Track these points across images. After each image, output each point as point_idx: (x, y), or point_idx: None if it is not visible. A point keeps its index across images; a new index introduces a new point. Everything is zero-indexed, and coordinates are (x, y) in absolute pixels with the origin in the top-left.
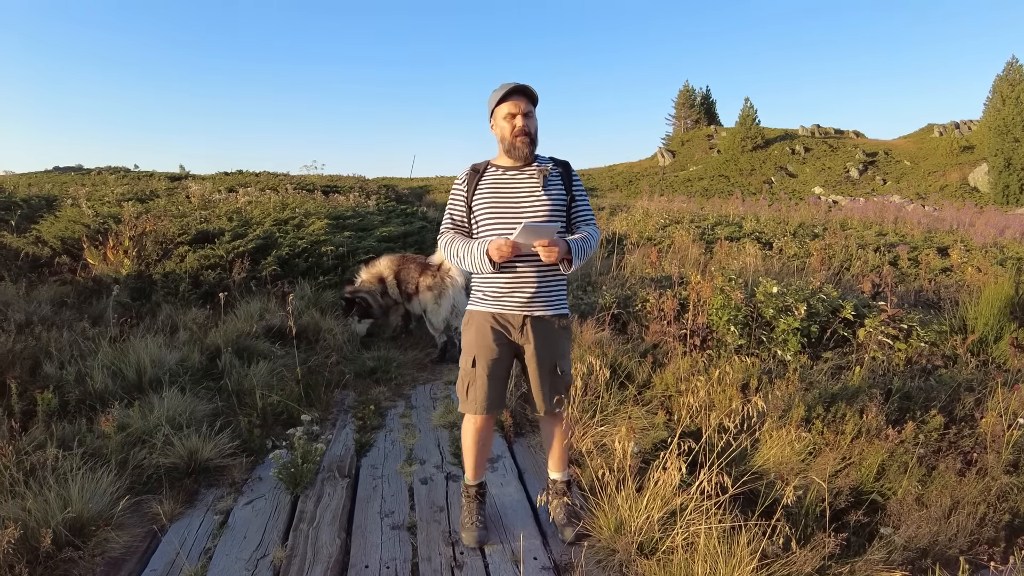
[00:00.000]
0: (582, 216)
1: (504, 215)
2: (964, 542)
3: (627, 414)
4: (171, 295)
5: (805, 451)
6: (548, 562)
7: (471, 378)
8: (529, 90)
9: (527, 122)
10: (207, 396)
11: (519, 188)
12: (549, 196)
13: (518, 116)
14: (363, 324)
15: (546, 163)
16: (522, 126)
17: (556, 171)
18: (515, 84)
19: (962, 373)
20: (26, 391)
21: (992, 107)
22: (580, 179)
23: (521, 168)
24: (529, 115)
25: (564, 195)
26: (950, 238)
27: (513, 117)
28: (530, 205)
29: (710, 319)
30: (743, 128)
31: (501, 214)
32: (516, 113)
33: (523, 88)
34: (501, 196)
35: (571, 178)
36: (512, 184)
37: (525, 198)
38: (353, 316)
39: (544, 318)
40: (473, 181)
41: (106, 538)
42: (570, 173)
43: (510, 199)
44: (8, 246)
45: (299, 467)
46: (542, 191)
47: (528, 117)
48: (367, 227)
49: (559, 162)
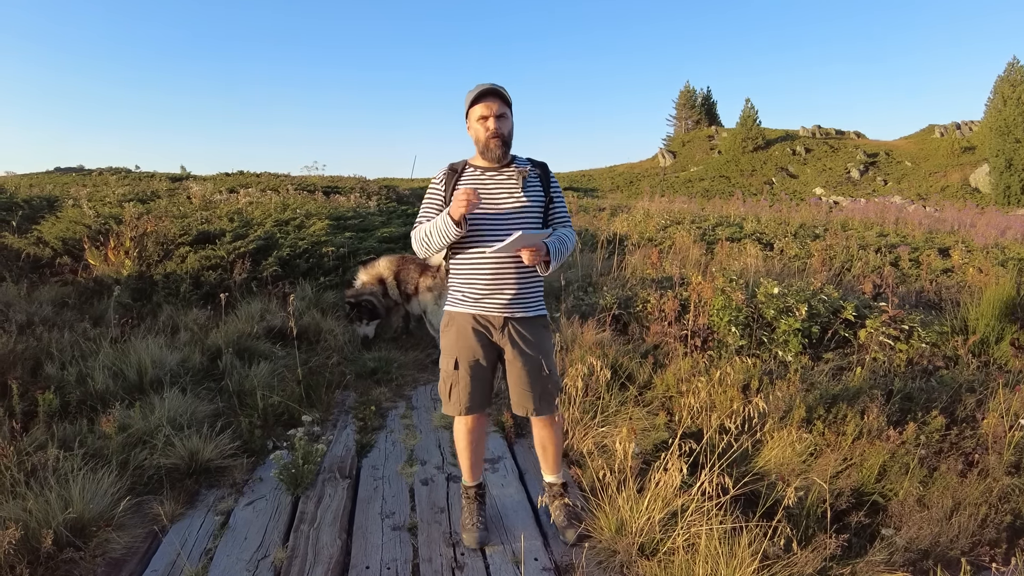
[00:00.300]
0: (559, 218)
1: (485, 217)
2: (966, 543)
3: (628, 415)
4: (172, 296)
5: (806, 452)
6: (549, 563)
7: (453, 380)
8: (502, 92)
9: (500, 124)
10: (208, 397)
11: (498, 188)
12: (528, 197)
13: (491, 118)
14: (371, 326)
15: (524, 164)
16: (495, 128)
17: (534, 173)
18: (488, 86)
19: (963, 374)
20: (27, 392)
21: (993, 108)
22: (557, 181)
23: (499, 169)
24: (502, 117)
25: (542, 196)
26: (951, 239)
27: (486, 119)
28: (509, 206)
29: (711, 320)
30: (744, 129)
31: (482, 216)
32: (489, 115)
33: (495, 90)
34: (480, 197)
35: (549, 180)
36: (491, 184)
37: (505, 199)
38: (362, 320)
39: (525, 319)
40: (451, 181)
41: (107, 539)
42: (548, 175)
43: (490, 200)
44: (9, 247)
45: (300, 468)
46: (521, 192)
47: (501, 119)
48: (368, 228)
49: (537, 163)
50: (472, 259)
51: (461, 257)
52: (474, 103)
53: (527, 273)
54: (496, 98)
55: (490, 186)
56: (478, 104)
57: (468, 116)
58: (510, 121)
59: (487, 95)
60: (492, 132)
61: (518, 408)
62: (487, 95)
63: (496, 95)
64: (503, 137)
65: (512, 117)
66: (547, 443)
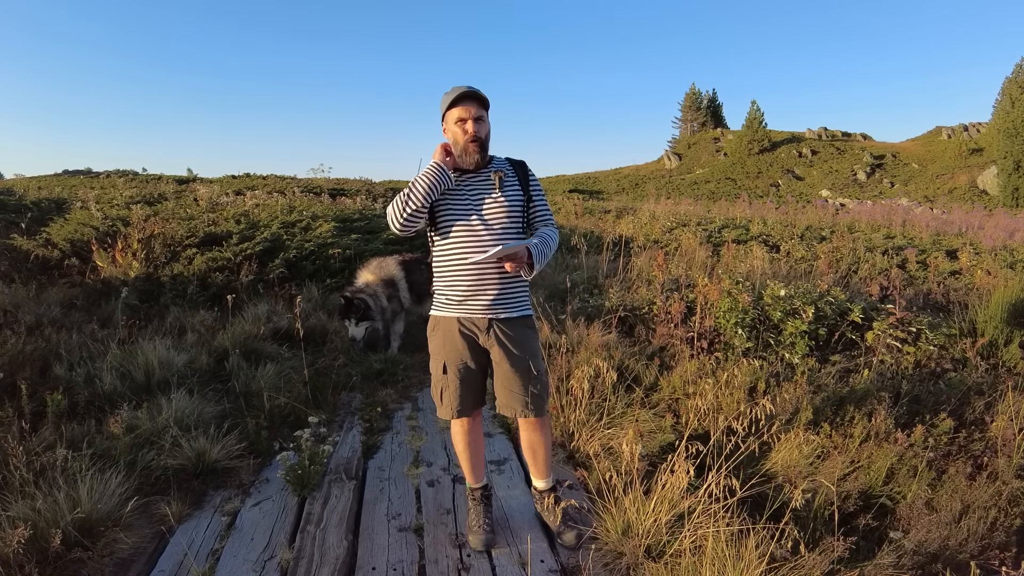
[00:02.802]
0: (540, 216)
1: (465, 219)
2: (975, 547)
3: (634, 417)
4: (179, 297)
5: (813, 454)
6: (555, 565)
7: (444, 384)
8: (479, 95)
9: (478, 127)
10: (215, 398)
11: (477, 191)
12: (507, 198)
13: (469, 121)
14: (360, 328)
15: (502, 164)
16: (473, 132)
17: (512, 172)
18: (465, 89)
19: (972, 377)
20: (36, 392)
21: (1001, 109)
22: (537, 179)
23: (477, 171)
24: (480, 120)
25: (521, 196)
26: (959, 241)
27: (464, 123)
28: (488, 208)
29: (717, 322)
30: (750, 131)
31: (462, 218)
32: (467, 118)
33: (473, 93)
34: (460, 200)
35: (528, 178)
36: (469, 187)
37: (483, 200)
38: (351, 318)
39: (510, 319)
40: None
41: (115, 539)
42: (526, 173)
43: (470, 203)
44: (18, 248)
45: (306, 469)
46: (499, 193)
47: (479, 122)
48: (374, 230)
49: (515, 162)
50: (454, 261)
51: (443, 259)
52: (452, 106)
53: (509, 274)
54: (474, 101)
55: (469, 188)
56: (456, 107)
57: (445, 118)
58: (487, 124)
59: (465, 98)
60: (471, 136)
61: (505, 409)
62: (465, 98)
63: (474, 98)
64: (481, 141)
65: (488, 120)
66: (537, 446)
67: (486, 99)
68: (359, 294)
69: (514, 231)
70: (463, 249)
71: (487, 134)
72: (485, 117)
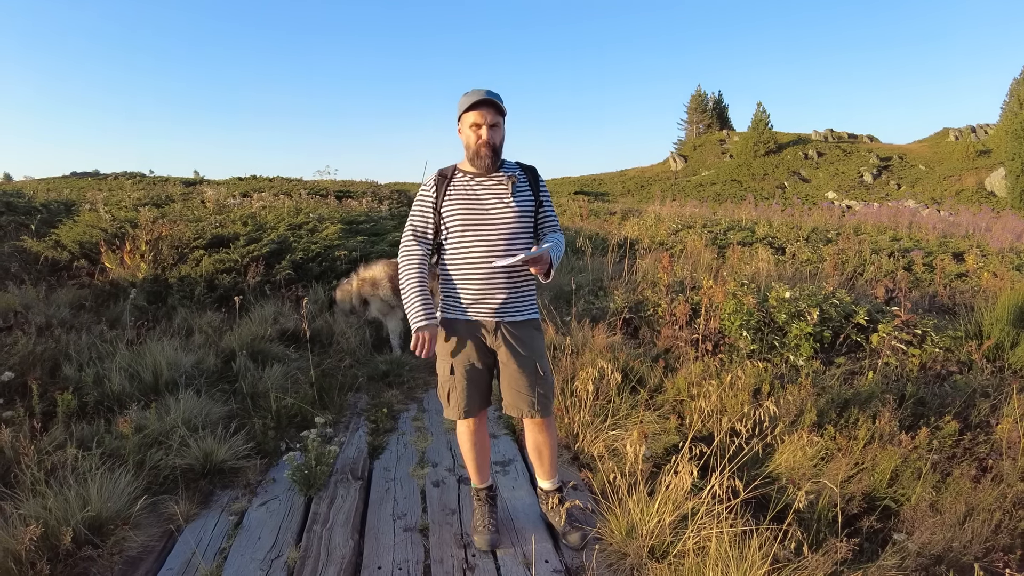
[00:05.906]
0: (548, 222)
1: (475, 222)
2: (979, 549)
3: (639, 418)
4: (187, 299)
5: (817, 456)
6: (560, 565)
7: (451, 385)
8: (497, 102)
9: (492, 133)
10: (222, 398)
11: (489, 195)
12: (518, 203)
13: (484, 127)
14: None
15: (513, 169)
16: (487, 138)
17: (524, 178)
18: (484, 95)
19: (977, 379)
20: (46, 392)
21: (1009, 111)
22: (546, 185)
23: (489, 175)
24: (495, 126)
25: (532, 201)
26: (966, 243)
27: (479, 128)
28: (500, 212)
29: (722, 324)
30: (756, 133)
31: (472, 222)
32: (482, 124)
33: (491, 100)
34: (472, 203)
35: (538, 184)
36: (481, 191)
37: (495, 205)
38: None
39: (517, 322)
40: (442, 187)
41: (124, 537)
42: (537, 179)
43: (481, 206)
44: (28, 250)
45: (313, 469)
46: (511, 198)
47: (494, 128)
48: (380, 232)
49: (526, 168)
50: (464, 265)
51: (453, 263)
52: (469, 109)
53: (518, 278)
54: (491, 108)
55: (481, 192)
56: (473, 111)
57: (461, 120)
58: (502, 131)
59: (483, 104)
60: (484, 141)
61: (511, 410)
62: (483, 104)
63: (491, 105)
64: (494, 147)
65: (504, 126)
66: (543, 447)
67: (503, 107)
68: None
69: (524, 235)
70: (473, 253)
71: (501, 140)
72: (501, 124)
